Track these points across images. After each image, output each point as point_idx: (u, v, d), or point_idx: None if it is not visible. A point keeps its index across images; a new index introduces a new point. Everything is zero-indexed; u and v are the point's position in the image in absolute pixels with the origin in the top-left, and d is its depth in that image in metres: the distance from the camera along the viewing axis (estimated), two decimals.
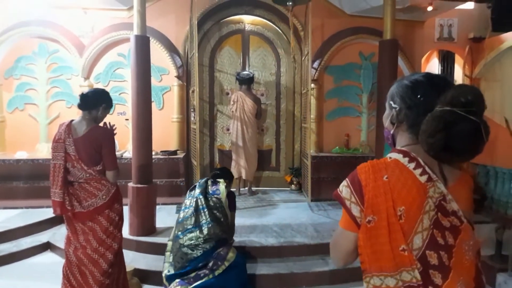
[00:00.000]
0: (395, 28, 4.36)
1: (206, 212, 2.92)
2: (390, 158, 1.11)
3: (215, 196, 3.07)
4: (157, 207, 4.12)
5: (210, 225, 2.87)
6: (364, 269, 1.09)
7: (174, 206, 4.64)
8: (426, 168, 1.06)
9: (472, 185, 1.16)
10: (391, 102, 1.16)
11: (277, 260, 3.58)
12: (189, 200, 3.07)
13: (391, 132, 1.18)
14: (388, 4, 4.26)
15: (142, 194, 3.87)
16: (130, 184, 3.94)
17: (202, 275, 2.74)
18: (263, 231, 4.00)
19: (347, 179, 1.13)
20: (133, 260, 3.57)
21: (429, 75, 1.13)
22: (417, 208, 1.03)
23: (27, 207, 4.76)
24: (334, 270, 3.39)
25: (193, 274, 2.76)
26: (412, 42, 5.71)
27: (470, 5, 5.73)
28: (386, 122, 1.20)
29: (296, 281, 3.37)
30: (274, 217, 4.47)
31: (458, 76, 6.15)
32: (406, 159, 1.08)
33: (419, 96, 1.09)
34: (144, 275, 3.35)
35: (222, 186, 3.15)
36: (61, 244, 3.90)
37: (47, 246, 4.02)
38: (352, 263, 1.17)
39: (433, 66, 6.96)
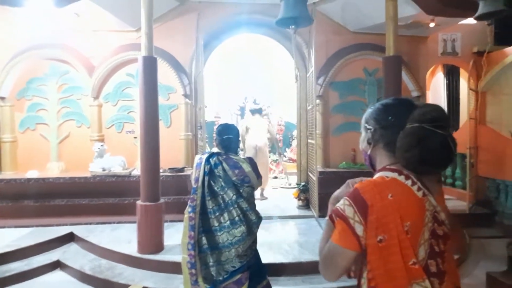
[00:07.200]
0: (398, 44, 4.40)
1: (246, 209, 2.63)
2: (387, 177, 1.14)
3: (246, 185, 2.64)
4: (165, 224, 4.15)
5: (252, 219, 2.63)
6: (375, 285, 1.10)
7: (182, 224, 4.64)
8: (419, 184, 1.13)
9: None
10: (366, 125, 1.27)
11: (286, 278, 3.57)
12: (220, 198, 2.61)
13: (368, 153, 1.26)
14: (390, 21, 4.31)
15: (150, 212, 3.90)
16: (138, 202, 3.98)
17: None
18: (271, 248, 3.98)
19: (347, 198, 1.14)
20: (142, 278, 3.58)
21: (397, 99, 1.26)
22: (420, 222, 1.09)
23: (37, 226, 4.80)
24: None
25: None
26: (416, 57, 5.76)
27: (473, 20, 5.76)
28: (363, 144, 1.29)
29: None
30: (282, 233, 4.47)
31: (464, 90, 6.15)
32: (402, 177, 1.13)
33: (390, 118, 1.19)
34: None
35: (244, 165, 2.63)
36: (71, 262, 3.96)
37: (57, 264, 4.05)
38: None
39: (439, 80, 6.97)
